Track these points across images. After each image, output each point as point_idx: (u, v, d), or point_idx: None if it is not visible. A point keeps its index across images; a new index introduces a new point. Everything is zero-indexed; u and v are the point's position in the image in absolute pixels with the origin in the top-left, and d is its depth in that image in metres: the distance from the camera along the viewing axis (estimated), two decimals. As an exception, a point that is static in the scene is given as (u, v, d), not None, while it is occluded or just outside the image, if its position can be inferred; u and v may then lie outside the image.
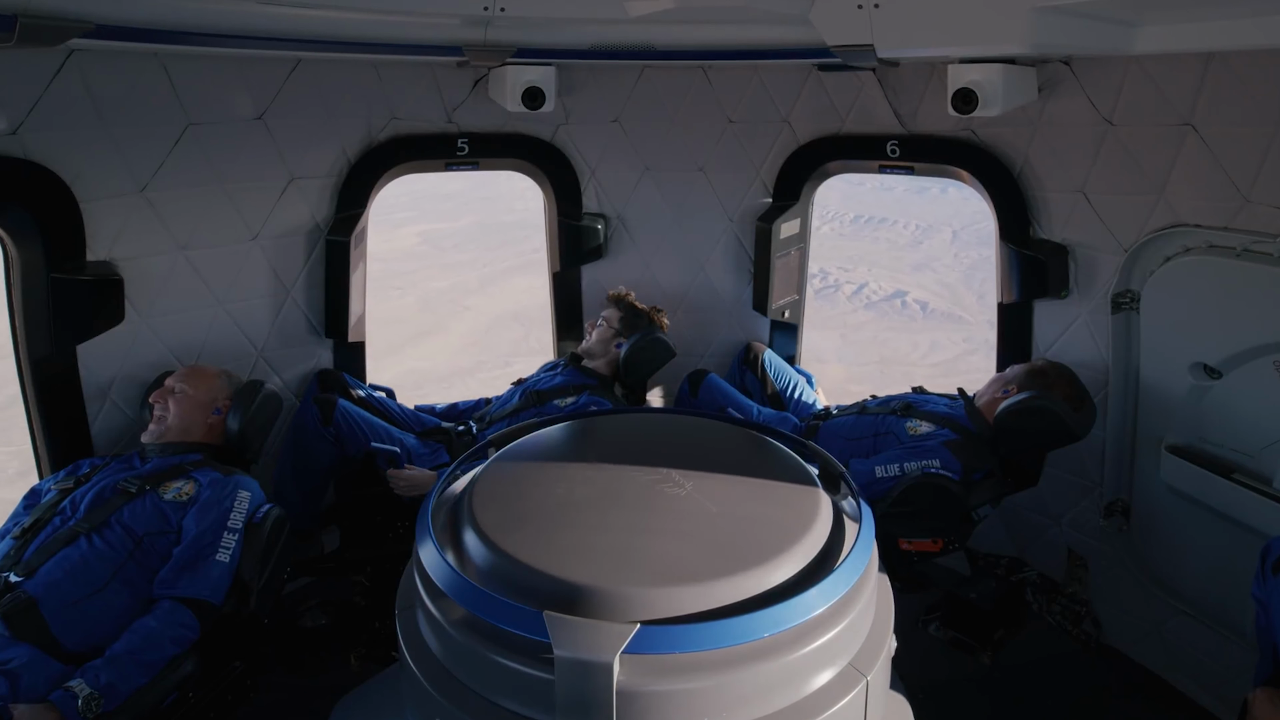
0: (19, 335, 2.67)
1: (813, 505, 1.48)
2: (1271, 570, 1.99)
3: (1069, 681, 3.16)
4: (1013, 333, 3.39)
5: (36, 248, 2.61)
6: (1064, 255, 3.14)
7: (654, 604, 1.27)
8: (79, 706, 1.95)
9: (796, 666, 1.26)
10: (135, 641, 2.12)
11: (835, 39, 2.63)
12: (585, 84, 3.77)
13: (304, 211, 3.47)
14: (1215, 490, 2.69)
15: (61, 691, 1.97)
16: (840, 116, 3.67)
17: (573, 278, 4.05)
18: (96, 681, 2.00)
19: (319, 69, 3.32)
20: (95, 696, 1.98)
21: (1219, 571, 2.76)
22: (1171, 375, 2.85)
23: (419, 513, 1.53)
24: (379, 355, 4.76)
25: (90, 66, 2.66)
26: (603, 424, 1.82)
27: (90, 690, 1.98)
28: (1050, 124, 3.09)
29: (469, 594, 1.29)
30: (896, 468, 2.94)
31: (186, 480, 2.51)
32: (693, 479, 1.54)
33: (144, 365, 3.02)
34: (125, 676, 2.05)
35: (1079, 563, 3.36)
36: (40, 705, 1.94)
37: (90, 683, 1.99)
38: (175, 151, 2.99)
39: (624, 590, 1.29)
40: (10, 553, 2.27)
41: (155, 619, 2.18)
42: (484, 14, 2.77)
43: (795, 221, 3.86)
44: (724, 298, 4.07)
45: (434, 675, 1.34)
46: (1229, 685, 2.81)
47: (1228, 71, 2.51)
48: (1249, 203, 2.51)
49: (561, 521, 1.46)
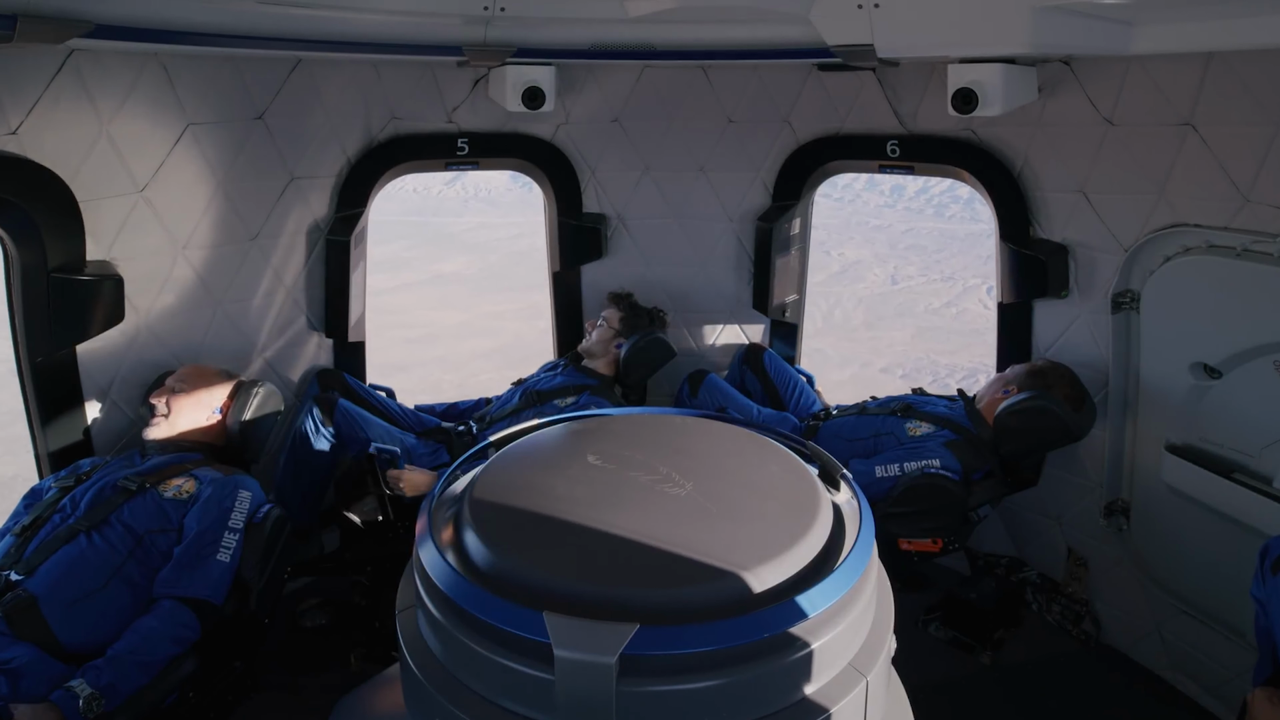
0: (19, 335, 2.67)
1: (813, 505, 1.48)
2: (1271, 570, 1.99)
3: (1069, 681, 3.16)
4: (1013, 333, 3.39)
5: (36, 248, 2.60)
6: (1064, 255, 3.14)
7: (654, 604, 1.27)
8: (80, 707, 1.95)
9: (796, 667, 1.26)
10: (136, 641, 2.12)
11: (835, 39, 2.63)
12: (585, 84, 3.77)
13: (304, 211, 3.47)
14: (1215, 490, 2.69)
15: (62, 691, 1.97)
16: (840, 116, 3.67)
17: (573, 278, 4.05)
18: (97, 681, 2.00)
19: (319, 69, 3.32)
20: (96, 696, 1.98)
21: (1219, 571, 2.76)
22: (1171, 375, 2.85)
23: (419, 513, 1.53)
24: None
25: (90, 66, 2.66)
26: (603, 424, 1.82)
27: (91, 690, 1.98)
28: (1050, 124, 3.09)
29: (469, 594, 1.29)
30: (896, 468, 2.95)
31: (187, 478, 2.51)
32: (693, 479, 1.54)
33: (144, 365, 3.02)
34: (126, 676, 2.05)
35: (1079, 563, 3.37)
36: (41, 705, 1.94)
37: (91, 682, 1.99)
38: (175, 151, 2.99)
39: (624, 590, 1.29)
40: (10, 551, 2.27)
41: (156, 619, 2.18)
42: (484, 14, 2.77)
43: (795, 221, 3.86)
44: (724, 298, 4.07)
45: (434, 675, 1.34)
46: (1229, 685, 2.82)
47: (1228, 71, 2.51)
48: (1249, 202, 2.51)
49: (561, 521, 1.46)
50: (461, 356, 10.01)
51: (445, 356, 10.34)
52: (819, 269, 14.86)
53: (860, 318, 12.56)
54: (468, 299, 13.32)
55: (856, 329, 12.05)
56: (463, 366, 9.28)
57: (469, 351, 10.25)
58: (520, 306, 12.41)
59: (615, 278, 3.94)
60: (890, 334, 11.79)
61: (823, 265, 15.03)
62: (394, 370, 8.59)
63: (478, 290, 13.88)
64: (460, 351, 10.41)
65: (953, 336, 11.54)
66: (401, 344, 10.59)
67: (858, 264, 15.43)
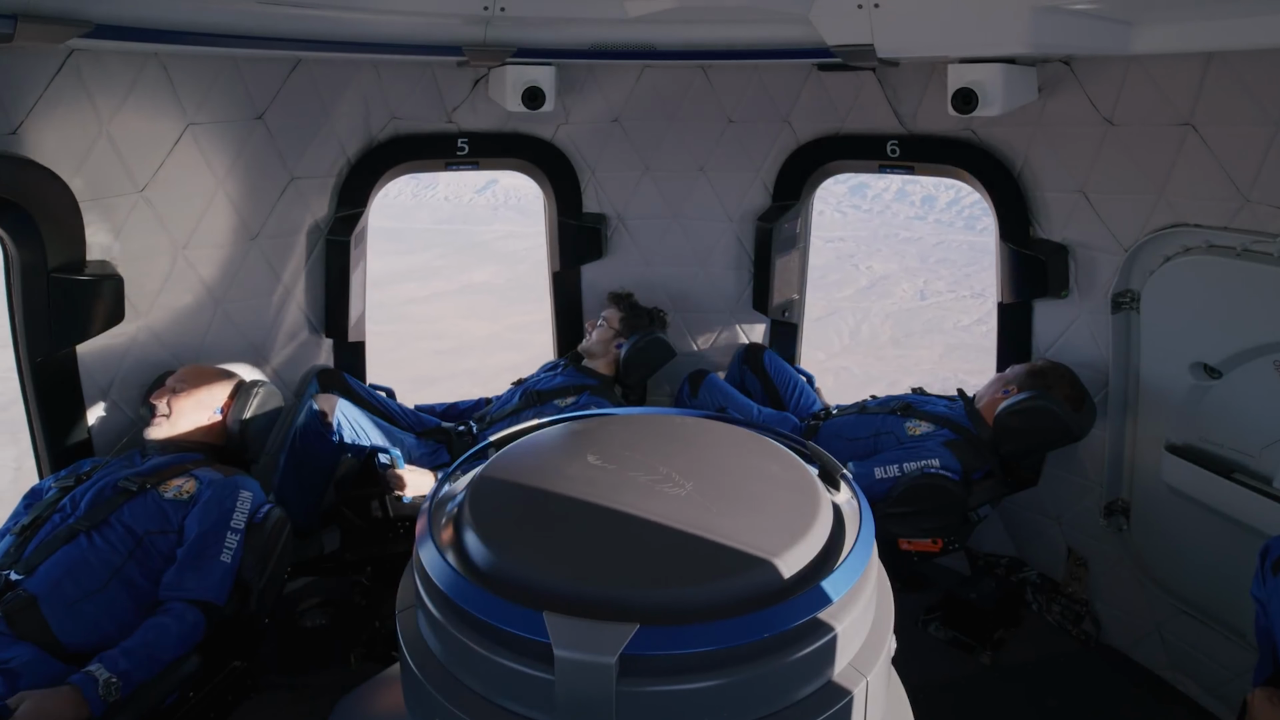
0: (19, 335, 2.67)
1: (813, 505, 1.48)
2: (1271, 570, 1.99)
3: (1069, 681, 3.16)
4: (1012, 333, 3.39)
5: (36, 248, 2.60)
6: (1064, 255, 3.14)
7: (654, 604, 1.27)
8: (99, 690, 1.96)
9: (796, 667, 1.26)
10: (150, 636, 2.13)
11: (835, 39, 2.63)
12: (585, 84, 3.77)
13: (304, 211, 3.47)
14: (1215, 490, 2.69)
15: (82, 675, 1.97)
16: (840, 116, 3.67)
17: (573, 278, 4.05)
18: (115, 667, 2.01)
19: (319, 69, 3.32)
20: (114, 681, 1.98)
21: (1219, 571, 2.76)
22: (1171, 375, 2.85)
23: (419, 513, 1.53)
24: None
25: (90, 66, 2.66)
26: (602, 424, 1.82)
27: (110, 674, 1.99)
28: (1050, 124, 3.09)
29: (469, 594, 1.30)
30: (895, 469, 2.95)
31: (187, 479, 2.51)
32: (693, 479, 1.54)
33: (144, 365, 3.02)
34: (139, 666, 2.06)
35: (1079, 563, 3.37)
36: (64, 688, 1.94)
37: (110, 667, 2.00)
38: (175, 151, 2.99)
39: (624, 590, 1.29)
40: (10, 550, 2.27)
41: (169, 617, 2.19)
42: (484, 14, 2.77)
43: (796, 221, 3.86)
44: (724, 298, 4.07)
45: (434, 675, 1.34)
46: (1229, 685, 2.82)
47: (1228, 71, 2.51)
48: (1249, 202, 2.51)
49: (561, 521, 1.46)
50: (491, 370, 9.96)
51: (475, 369, 10.30)
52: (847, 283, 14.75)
53: (888, 334, 12.38)
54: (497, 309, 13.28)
55: (883, 346, 11.85)
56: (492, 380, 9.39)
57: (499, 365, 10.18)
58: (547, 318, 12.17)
59: (615, 278, 3.94)
60: (918, 352, 11.54)
61: (851, 279, 14.84)
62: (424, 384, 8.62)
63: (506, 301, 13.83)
64: (490, 365, 10.36)
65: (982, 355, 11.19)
66: (431, 355, 10.56)
67: (886, 278, 15.17)
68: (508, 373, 4.00)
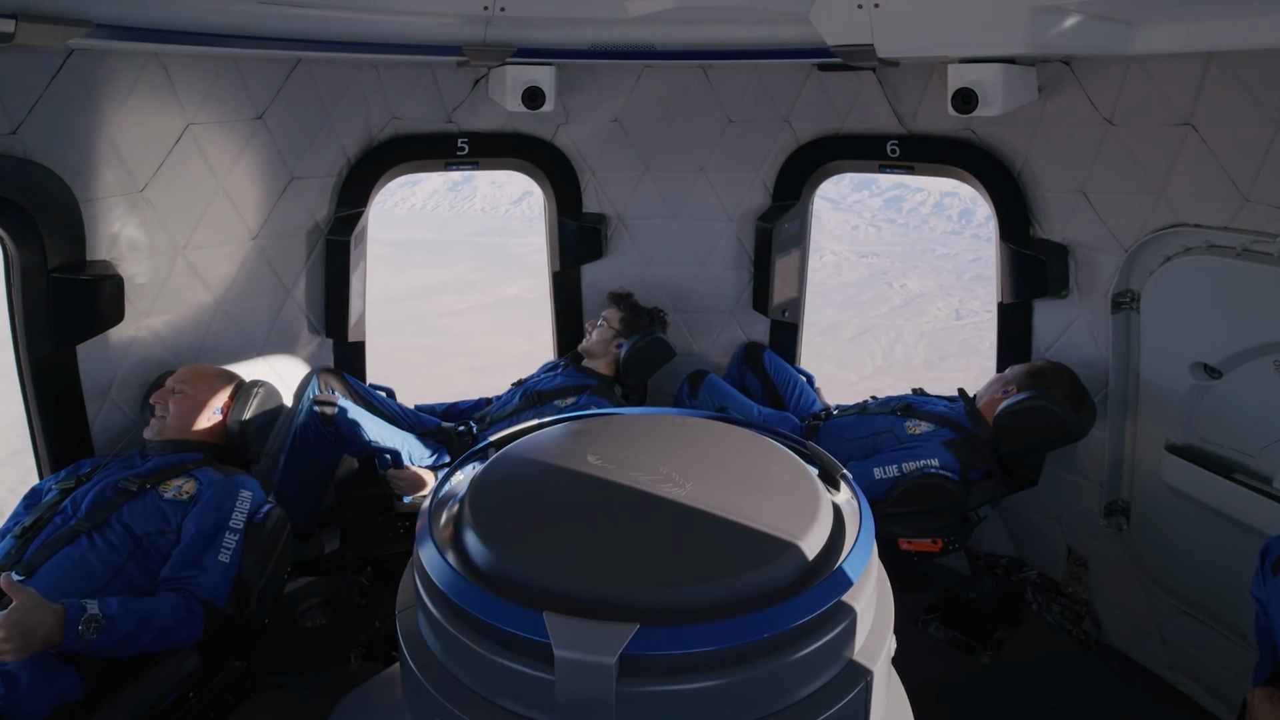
0: (19, 335, 2.67)
1: (813, 505, 1.48)
2: (1271, 570, 1.99)
3: (1069, 681, 3.16)
4: (1012, 333, 3.39)
5: (36, 248, 2.61)
6: (1064, 255, 3.14)
7: (654, 604, 1.27)
8: (80, 622, 1.96)
9: (796, 667, 1.26)
10: (149, 602, 2.15)
11: (835, 39, 2.63)
12: (585, 84, 3.77)
13: (304, 211, 3.47)
14: (1215, 490, 2.69)
15: (74, 602, 1.99)
16: (840, 116, 3.67)
17: (573, 278, 4.05)
18: (106, 609, 2.02)
19: (319, 69, 3.32)
20: (97, 618, 1.99)
21: (1219, 571, 2.75)
22: (1171, 375, 2.85)
23: (419, 513, 1.53)
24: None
25: (90, 66, 2.66)
26: (602, 424, 1.82)
27: (96, 612, 1.99)
28: (1050, 124, 3.09)
29: (469, 594, 1.30)
30: (895, 469, 2.95)
31: (187, 479, 2.50)
32: (693, 479, 1.54)
33: (144, 365, 3.02)
34: (127, 617, 2.06)
35: (1079, 563, 3.37)
36: (56, 604, 1.96)
37: (101, 608, 2.01)
38: (175, 151, 2.99)
39: (624, 590, 1.29)
40: (11, 552, 2.27)
41: (170, 593, 2.22)
42: (484, 14, 2.78)
43: (796, 221, 3.86)
44: (724, 298, 4.07)
45: (434, 675, 1.34)
46: (1229, 685, 2.81)
47: (1228, 71, 2.51)
48: (1249, 202, 2.51)
49: (561, 521, 1.47)
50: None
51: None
52: (880, 301, 14.45)
53: (921, 355, 12.14)
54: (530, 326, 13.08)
55: (917, 368, 11.62)
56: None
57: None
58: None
59: (615, 278, 3.94)
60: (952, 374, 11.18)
61: (884, 298, 14.57)
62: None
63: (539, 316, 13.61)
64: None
65: (1017, 378, 11.22)
66: (467, 372, 10.36)
67: (921, 297, 14.77)
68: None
